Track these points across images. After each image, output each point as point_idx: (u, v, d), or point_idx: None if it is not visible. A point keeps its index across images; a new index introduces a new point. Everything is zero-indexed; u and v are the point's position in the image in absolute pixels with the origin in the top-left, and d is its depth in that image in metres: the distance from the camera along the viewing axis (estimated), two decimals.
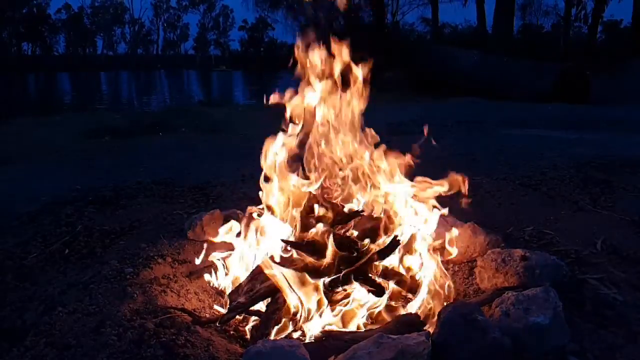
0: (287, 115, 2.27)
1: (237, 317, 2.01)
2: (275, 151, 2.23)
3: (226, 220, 2.75)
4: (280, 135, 2.25)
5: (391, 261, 2.10)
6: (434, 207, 2.24)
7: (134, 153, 5.88)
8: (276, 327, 1.84)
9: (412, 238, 2.14)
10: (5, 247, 2.79)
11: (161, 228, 2.99)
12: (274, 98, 2.26)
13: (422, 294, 2.01)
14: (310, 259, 1.97)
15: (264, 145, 2.25)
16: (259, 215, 2.34)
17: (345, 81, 2.25)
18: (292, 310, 1.86)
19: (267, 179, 2.28)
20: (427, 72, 16.05)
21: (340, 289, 1.92)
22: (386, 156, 2.26)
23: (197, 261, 2.46)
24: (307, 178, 2.23)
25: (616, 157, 4.75)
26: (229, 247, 2.49)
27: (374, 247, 2.01)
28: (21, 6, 63.39)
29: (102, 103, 20.48)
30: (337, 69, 2.23)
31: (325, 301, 1.89)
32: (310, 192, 2.20)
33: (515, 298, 1.77)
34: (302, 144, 2.28)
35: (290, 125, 2.27)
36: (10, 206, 3.56)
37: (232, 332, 1.99)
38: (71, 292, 2.13)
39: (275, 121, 2.33)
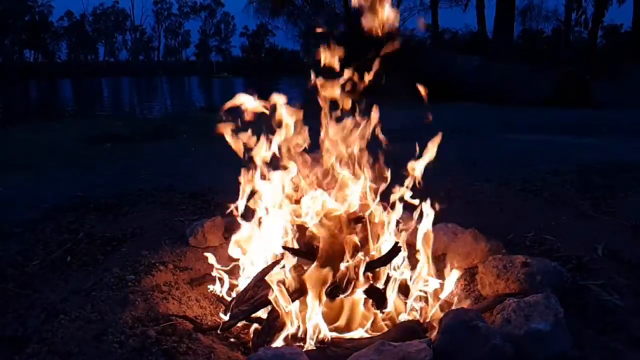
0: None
1: (239, 324, 2.01)
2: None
3: (227, 227, 2.75)
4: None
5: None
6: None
7: (135, 159, 5.89)
8: (278, 335, 1.84)
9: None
10: (7, 254, 2.80)
11: (163, 235, 2.99)
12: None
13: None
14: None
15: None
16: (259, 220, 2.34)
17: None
18: (286, 320, 1.86)
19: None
20: (427, 78, 16.05)
21: (342, 296, 1.92)
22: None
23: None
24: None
25: (617, 162, 4.75)
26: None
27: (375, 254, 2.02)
28: (23, 14, 63.78)
29: (104, 109, 20.55)
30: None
31: (327, 308, 1.89)
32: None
33: (517, 305, 1.77)
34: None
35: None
36: (12, 213, 3.56)
37: (233, 340, 1.99)
38: (73, 299, 2.14)
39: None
